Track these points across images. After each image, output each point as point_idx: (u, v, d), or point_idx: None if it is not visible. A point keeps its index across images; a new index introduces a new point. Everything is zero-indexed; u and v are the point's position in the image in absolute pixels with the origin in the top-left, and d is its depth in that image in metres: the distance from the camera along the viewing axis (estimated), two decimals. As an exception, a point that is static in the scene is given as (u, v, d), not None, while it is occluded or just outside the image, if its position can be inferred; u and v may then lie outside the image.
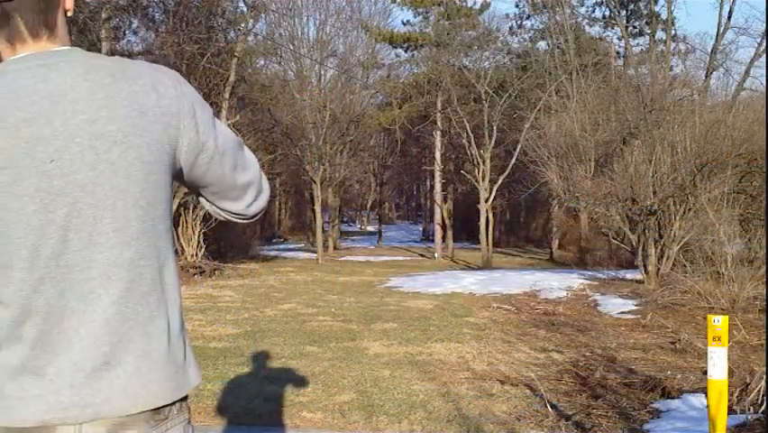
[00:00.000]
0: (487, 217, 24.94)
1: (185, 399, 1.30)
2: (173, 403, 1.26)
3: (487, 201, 24.92)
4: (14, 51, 1.23)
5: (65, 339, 1.20)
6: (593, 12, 31.75)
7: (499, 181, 25.08)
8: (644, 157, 13.12)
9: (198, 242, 16.28)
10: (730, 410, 4.04)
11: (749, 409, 4.57)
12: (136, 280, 1.23)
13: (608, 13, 30.94)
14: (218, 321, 8.89)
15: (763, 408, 4.50)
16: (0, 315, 1.19)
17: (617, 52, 30.71)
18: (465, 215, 33.89)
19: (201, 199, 1.45)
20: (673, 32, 28.49)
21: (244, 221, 1.49)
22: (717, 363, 3.35)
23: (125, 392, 1.21)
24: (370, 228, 50.56)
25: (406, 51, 31.89)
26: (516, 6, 35.87)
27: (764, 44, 23.59)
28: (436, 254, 27.80)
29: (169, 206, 1.30)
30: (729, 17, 25.08)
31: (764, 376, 4.71)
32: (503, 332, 8.30)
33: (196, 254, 16.20)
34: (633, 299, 10.61)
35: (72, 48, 1.27)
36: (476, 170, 25.06)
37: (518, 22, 31.94)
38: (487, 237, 24.58)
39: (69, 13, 1.30)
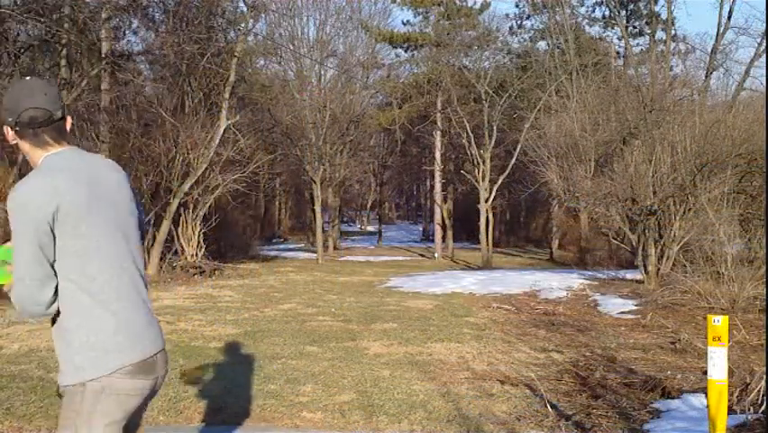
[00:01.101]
0: (487, 217, 24.93)
1: None
2: None
3: (487, 201, 24.91)
4: (46, 151, 2.16)
5: (135, 307, 2.21)
6: (593, 12, 31.79)
7: (499, 181, 25.08)
8: (644, 157, 13.12)
9: (198, 242, 16.27)
10: (730, 410, 4.04)
11: (749, 409, 4.57)
12: (141, 268, 2.29)
13: (607, 13, 30.96)
14: (218, 321, 8.88)
15: (763, 408, 4.50)
16: (92, 299, 2.12)
17: (617, 52, 30.70)
18: (465, 215, 33.87)
19: None
20: (673, 32, 28.51)
21: None
22: (717, 363, 3.35)
23: (159, 335, 2.28)
24: (370, 228, 50.57)
25: (406, 51, 31.87)
26: (516, 6, 35.91)
27: (764, 44, 23.60)
28: (436, 254, 27.80)
29: None
30: (729, 17, 25.11)
31: (764, 376, 4.71)
32: (503, 332, 8.30)
33: (196, 254, 16.19)
34: (633, 299, 10.61)
35: (75, 147, 2.24)
36: (476, 170, 25.06)
37: (518, 22, 31.99)
38: (487, 237, 24.58)
39: (68, 128, 2.22)
